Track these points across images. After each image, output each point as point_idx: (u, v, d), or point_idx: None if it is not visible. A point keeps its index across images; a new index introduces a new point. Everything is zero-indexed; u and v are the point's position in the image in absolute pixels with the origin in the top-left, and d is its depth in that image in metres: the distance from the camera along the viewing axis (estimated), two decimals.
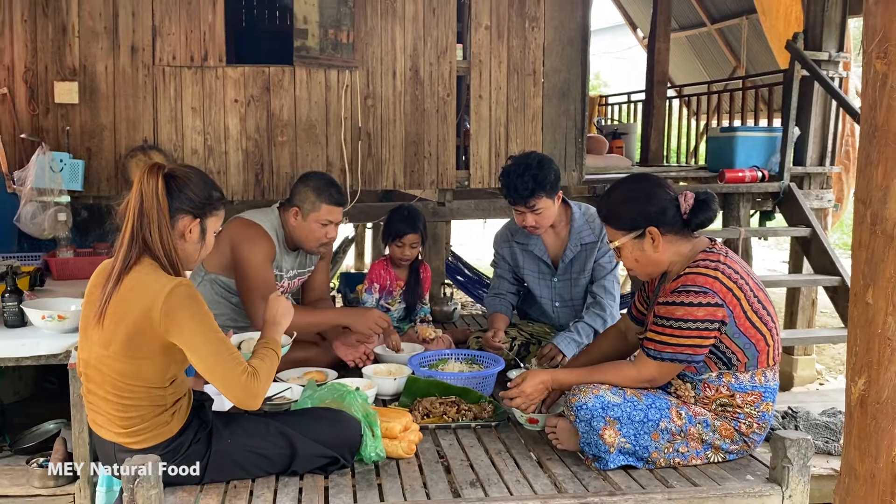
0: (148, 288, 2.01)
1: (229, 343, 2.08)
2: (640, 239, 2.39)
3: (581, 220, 3.40)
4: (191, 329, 2.00)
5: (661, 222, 2.37)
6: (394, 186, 4.45)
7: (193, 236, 2.16)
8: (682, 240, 2.39)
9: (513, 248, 3.52)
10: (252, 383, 2.04)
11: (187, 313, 2.00)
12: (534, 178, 3.13)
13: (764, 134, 5.40)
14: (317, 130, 4.31)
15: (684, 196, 2.38)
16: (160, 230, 2.08)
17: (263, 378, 2.08)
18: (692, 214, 2.36)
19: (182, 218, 2.13)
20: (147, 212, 2.07)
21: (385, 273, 3.75)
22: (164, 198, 2.08)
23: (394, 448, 2.41)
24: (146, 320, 1.99)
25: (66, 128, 4.01)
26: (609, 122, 8.76)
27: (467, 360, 3.24)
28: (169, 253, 2.09)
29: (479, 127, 4.53)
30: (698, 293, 2.24)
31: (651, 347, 2.33)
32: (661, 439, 2.32)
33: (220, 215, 2.24)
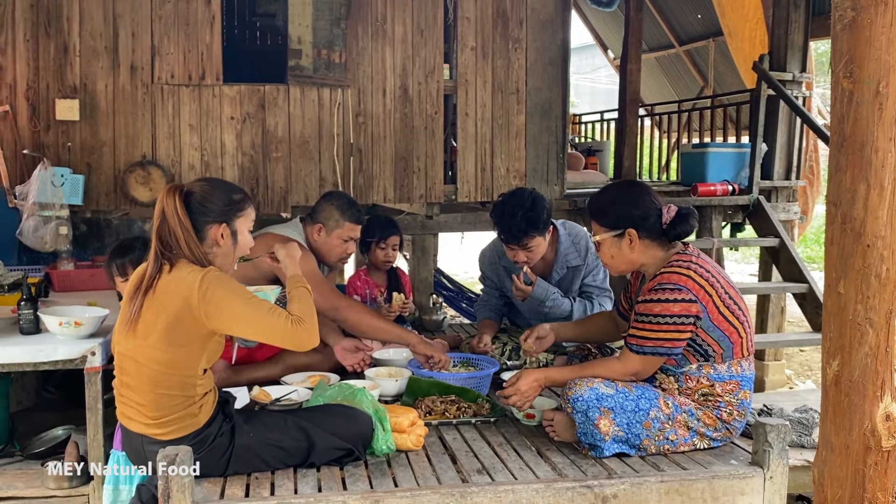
0: (183, 280, 2.16)
1: (266, 302, 2.25)
2: (620, 238, 2.60)
3: (567, 241, 3.55)
4: (228, 303, 2.15)
5: (641, 227, 2.57)
6: (384, 201, 4.62)
7: (226, 240, 2.32)
8: (657, 245, 2.60)
9: (498, 271, 3.69)
10: (300, 328, 2.23)
11: (221, 291, 2.15)
12: (527, 219, 3.26)
13: (734, 150, 5.68)
14: (310, 146, 4.47)
15: (668, 208, 2.59)
16: (188, 244, 2.23)
17: (307, 318, 2.27)
18: (671, 225, 2.57)
19: (210, 228, 2.28)
20: (172, 230, 2.22)
21: (363, 283, 3.92)
22: (186, 216, 2.23)
23: (403, 441, 2.56)
24: (186, 309, 2.14)
25: (66, 144, 4.11)
26: (583, 140, 9.04)
27: (463, 363, 3.40)
28: (200, 259, 2.24)
29: (466, 143, 4.72)
30: (673, 290, 2.44)
31: (633, 343, 2.53)
32: (653, 427, 2.50)
33: (247, 213, 2.39)
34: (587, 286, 3.59)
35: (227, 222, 2.32)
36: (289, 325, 2.20)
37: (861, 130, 1.75)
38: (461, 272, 8.43)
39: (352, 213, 3.35)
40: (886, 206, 1.74)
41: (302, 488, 2.27)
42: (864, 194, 1.75)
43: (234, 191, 2.38)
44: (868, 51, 1.72)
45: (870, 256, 1.76)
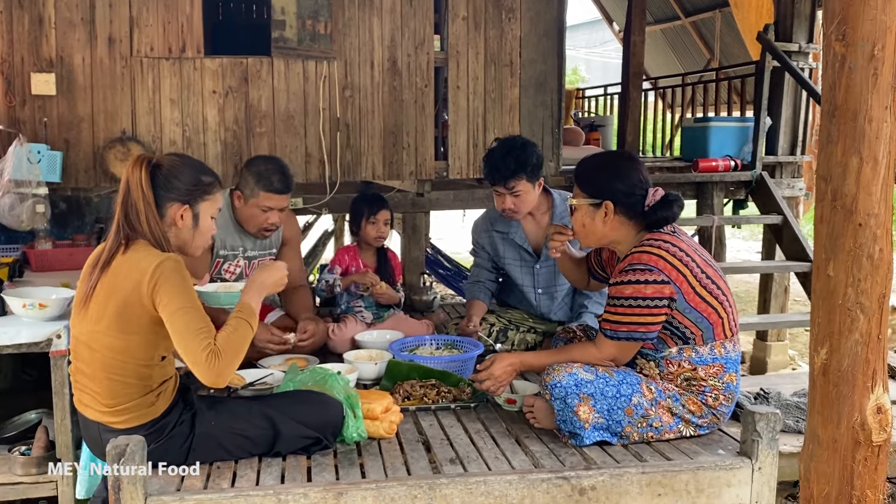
0: (138, 263, 2.05)
1: (204, 319, 2.06)
2: (596, 208, 2.46)
3: (562, 206, 3.45)
4: (169, 299, 2.02)
5: (620, 202, 2.44)
6: (373, 177, 4.48)
7: (186, 222, 2.20)
8: (632, 226, 2.47)
9: (492, 236, 3.57)
10: (213, 363, 2.00)
11: (169, 285, 2.03)
12: (516, 160, 3.19)
13: (736, 124, 5.50)
14: (295, 121, 4.34)
15: (655, 191, 2.45)
16: (147, 220, 2.12)
17: (227, 357, 2.03)
18: (652, 209, 2.43)
19: (171, 206, 2.17)
20: (134, 203, 2.11)
21: (351, 259, 3.79)
22: (150, 189, 2.13)
23: (375, 428, 2.46)
24: (136, 294, 2.03)
25: (43, 119, 3.99)
26: (586, 115, 8.84)
27: (447, 345, 3.29)
28: (159, 239, 2.13)
29: (458, 117, 4.57)
30: (644, 271, 2.32)
31: (607, 328, 2.41)
32: (635, 414, 2.39)
33: (213, 199, 2.27)
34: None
35: (191, 204, 2.20)
36: (203, 355, 2.00)
37: (854, 98, 1.60)
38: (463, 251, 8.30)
39: (268, 182, 3.12)
40: (880, 182, 1.60)
41: (265, 479, 2.17)
42: (857, 168, 1.61)
43: (204, 172, 2.27)
44: (862, 10, 1.56)
45: (861, 236, 1.62)
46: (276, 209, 3.18)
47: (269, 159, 3.25)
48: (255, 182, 3.13)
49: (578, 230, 2.56)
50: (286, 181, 3.17)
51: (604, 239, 2.51)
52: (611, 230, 2.48)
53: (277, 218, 3.21)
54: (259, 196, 3.14)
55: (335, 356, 3.34)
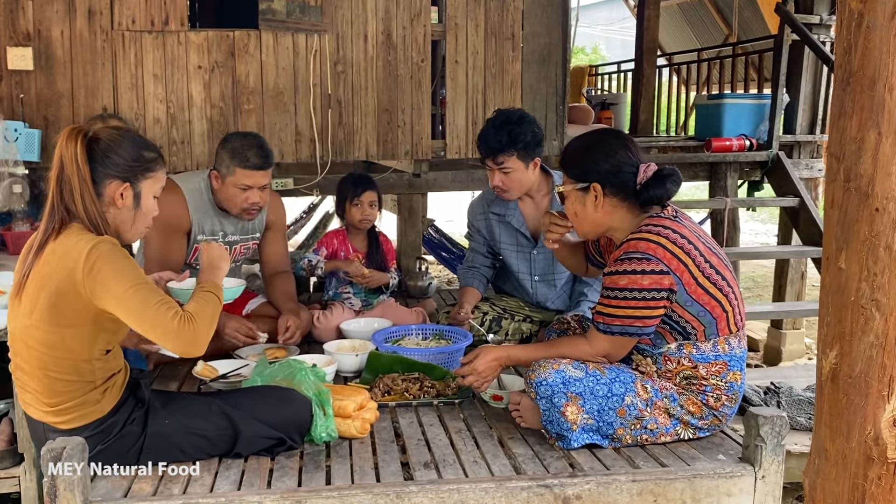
0: (70, 249, 1.87)
1: (159, 291, 1.93)
2: (585, 192, 2.26)
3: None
4: (115, 282, 1.85)
5: (609, 182, 2.22)
6: (366, 157, 4.29)
7: (126, 202, 2.02)
8: (628, 208, 2.25)
9: (489, 219, 3.37)
10: (187, 328, 1.89)
11: (109, 268, 1.85)
12: (509, 134, 2.98)
13: (752, 101, 5.24)
14: (284, 98, 4.14)
15: (646, 167, 2.23)
16: (83, 198, 1.94)
17: (201, 322, 1.93)
18: (644, 187, 2.21)
19: (109, 183, 1.99)
20: (68, 179, 1.93)
21: (340, 244, 3.60)
22: (86, 163, 1.94)
23: (346, 428, 2.28)
24: (69, 282, 1.86)
25: (20, 95, 3.83)
26: (598, 93, 8.57)
27: (435, 336, 3.10)
28: (94, 220, 1.95)
29: (456, 94, 4.35)
30: (641, 260, 2.11)
31: (600, 321, 2.20)
32: (628, 415, 2.19)
33: (156, 177, 2.09)
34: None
35: (131, 181, 2.01)
36: (174, 322, 1.87)
37: (872, 63, 1.37)
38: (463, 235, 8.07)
39: (243, 158, 2.92)
40: None
41: (221, 483, 2.01)
42: (874, 144, 1.38)
43: (147, 147, 2.08)
44: None
45: (879, 223, 1.40)
46: (255, 187, 2.98)
47: (244, 135, 3.05)
48: (231, 159, 2.94)
49: (572, 219, 2.35)
50: (264, 156, 2.97)
51: (600, 226, 2.30)
52: (605, 215, 2.26)
53: (258, 197, 3.01)
54: (235, 173, 2.94)
55: (320, 345, 3.17)
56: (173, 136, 4.06)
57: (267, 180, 3.02)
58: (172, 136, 4.06)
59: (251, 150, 2.94)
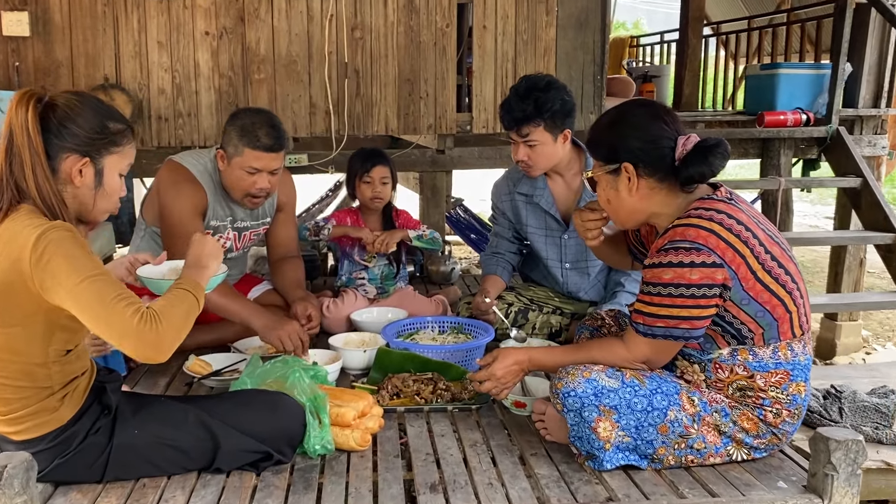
0: (16, 236, 1.60)
1: (120, 285, 1.64)
2: (616, 175, 1.92)
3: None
4: (66, 274, 1.57)
5: (642, 161, 1.88)
6: (386, 131, 3.98)
7: (86, 179, 1.74)
8: (669, 190, 1.90)
9: (514, 200, 3.04)
10: (148, 329, 1.59)
11: (60, 257, 1.58)
12: (535, 102, 2.65)
13: (810, 71, 4.79)
14: (298, 67, 3.84)
15: (685, 139, 1.87)
16: (35, 173, 1.66)
17: (167, 323, 1.62)
18: (683, 163, 1.85)
19: (66, 158, 1.71)
20: (18, 151, 1.66)
21: (353, 223, 3.30)
22: (38, 134, 1.67)
23: (344, 439, 2.00)
24: (15, 275, 1.59)
25: (16, 64, 3.59)
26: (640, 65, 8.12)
27: (453, 329, 2.80)
28: (48, 200, 1.67)
29: (483, 63, 4.01)
30: (689, 250, 1.77)
31: (640, 322, 1.87)
32: (671, 432, 1.87)
33: (123, 152, 1.81)
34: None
35: (92, 156, 1.73)
36: (134, 320, 1.58)
37: None
38: None
39: (254, 137, 2.60)
40: None
41: (196, 503, 1.73)
42: None
43: (112, 117, 1.79)
44: None
45: None
46: (264, 171, 2.66)
47: (256, 111, 2.73)
48: (239, 138, 2.62)
49: (605, 207, 2.01)
50: (276, 137, 2.64)
51: (638, 213, 1.96)
52: (641, 200, 1.92)
53: (267, 182, 2.69)
54: (244, 154, 2.62)
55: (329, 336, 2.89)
56: (179, 108, 3.79)
57: (278, 164, 2.70)
58: (178, 108, 3.79)
59: (262, 128, 2.62)
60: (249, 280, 3.15)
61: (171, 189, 2.67)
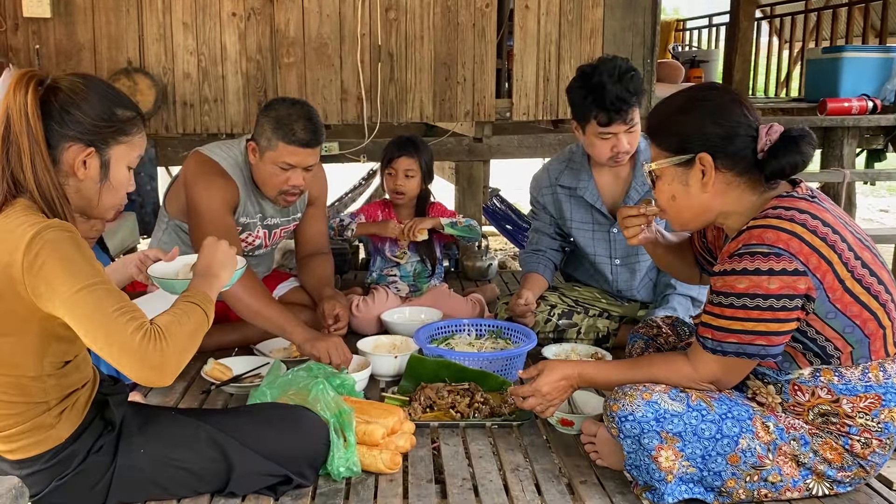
0: (8, 236, 1.42)
1: (122, 296, 1.45)
2: (687, 167, 1.67)
3: (648, 151, 2.69)
4: (62, 280, 1.39)
5: (721, 151, 1.64)
6: (420, 118, 3.77)
7: (90, 172, 1.56)
8: (746, 185, 1.66)
9: (556, 194, 2.81)
10: (152, 348, 1.40)
11: (56, 261, 1.39)
12: (631, 82, 2.44)
13: (878, 55, 4.47)
14: (329, 50, 3.64)
15: (768, 128, 1.63)
16: (33, 164, 1.49)
17: (172, 343, 1.43)
18: (771, 154, 1.61)
19: (69, 147, 1.53)
20: (16, 139, 1.48)
21: (384, 217, 3.09)
22: (38, 120, 1.49)
23: (372, 460, 1.80)
24: (6, 281, 1.41)
25: (36, 46, 3.45)
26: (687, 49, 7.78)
27: (491, 333, 2.59)
28: (48, 194, 1.50)
29: (525, 45, 3.77)
30: (768, 256, 1.53)
31: (708, 336, 1.63)
32: (743, 463, 1.64)
33: (132, 143, 1.62)
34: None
35: (98, 146, 1.55)
36: (136, 338, 1.39)
37: None
38: None
39: (288, 131, 2.40)
40: None
41: None
42: None
43: (121, 104, 1.60)
44: None
45: None
46: (299, 167, 2.46)
47: (292, 103, 2.50)
48: (273, 130, 2.42)
49: (667, 205, 1.76)
50: (313, 131, 2.43)
51: (707, 212, 1.71)
52: (714, 196, 1.68)
53: (301, 179, 2.49)
54: (277, 149, 2.42)
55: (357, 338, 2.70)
56: (205, 94, 3.63)
57: (314, 160, 2.49)
58: (204, 94, 3.63)
59: (299, 121, 2.41)
60: (276, 276, 2.97)
61: (200, 183, 2.48)
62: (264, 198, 2.63)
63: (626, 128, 2.51)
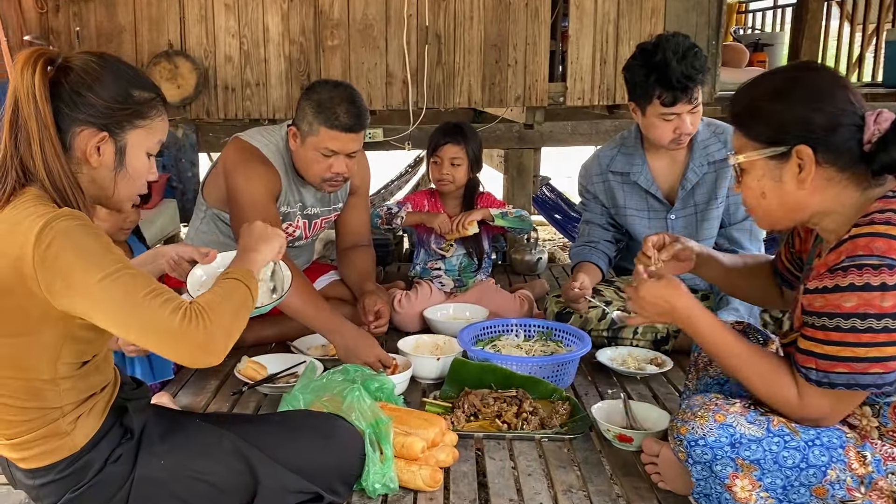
0: (16, 227, 1.30)
1: (150, 278, 1.33)
2: (782, 161, 1.43)
3: (706, 131, 2.55)
4: (80, 272, 1.27)
5: (822, 143, 1.40)
6: (468, 103, 3.58)
7: (104, 159, 1.43)
8: (849, 181, 1.42)
9: (608, 181, 2.62)
10: (195, 328, 1.28)
11: (71, 253, 1.27)
12: (695, 58, 2.28)
13: None
14: (374, 31, 3.49)
15: (876, 115, 1.40)
16: (42, 150, 1.36)
17: (217, 319, 1.31)
18: (880, 146, 1.38)
19: (81, 132, 1.40)
20: (24, 123, 1.36)
21: (431, 207, 2.92)
22: (47, 102, 1.36)
23: (411, 477, 1.65)
24: (16, 277, 1.29)
25: (76, 29, 3.37)
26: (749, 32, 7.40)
27: (541, 335, 2.41)
28: (59, 182, 1.37)
29: (581, 25, 3.55)
30: (879, 269, 1.30)
31: (812, 367, 1.41)
32: (830, 496, 1.43)
33: (151, 127, 1.49)
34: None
35: (112, 131, 1.42)
36: (176, 318, 1.27)
37: None
38: None
39: (331, 115, 2.27)
40: None
41: None
42: None
43: (139, 84, 1.47)
44: None
45: None
46: (342, 154, 2.33)
47: (335, 85, 2.37)
48: (315, 114, 2.29)
49: (754, 204, 1.53)
50: (356, 115, 2.29)
51: (801, 211, 1.49)
52: (812, 194, 1.45)
53: (344, 166, 2.36)
54: (319, 133, 2.30)
55: (399, 336, 2.56)
56: (247, 78, 3.51)
57: (357, 146, 2.36)
58: (246, 78, 3.51)
59: (342, 105, 2.27)
60: (316, 268, 2.84)
61: (240, 170, 2.37)
62: (304, 186, 2.49)
63: (690, 107, 2.35)
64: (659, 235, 1.81)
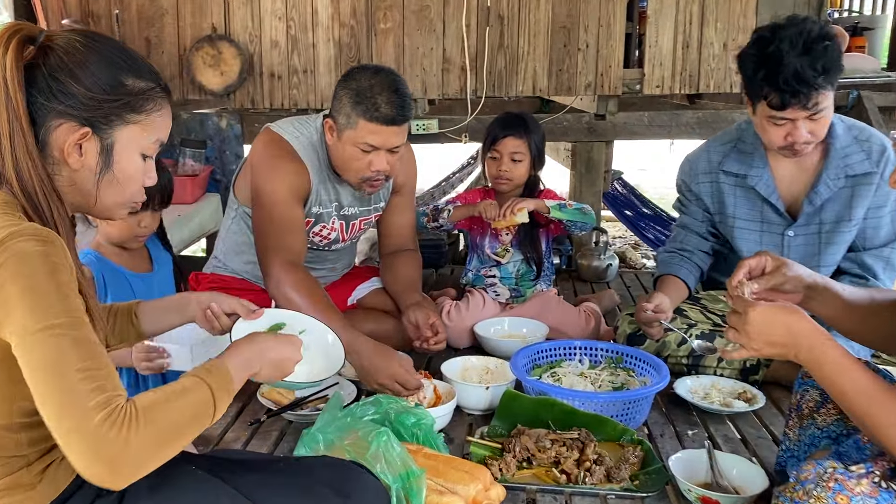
0: None
1: (94, 349, 1.05)
2: None
3: (846, 137, 2.12)
4: (22, 312, 1.02)
5: None
6: (533, 91, 3.26)
7: (87, 159, 1.18)
8: None
9: (717, 182, 2.25)
10: (113, 435, 0.99)
11: (17, 285, 1.02)
12: (824, 56, 1.86)
13: None
14: (430, 13, 3.20)
15: None
16: (13, 146, 1.13)
17: (147, 430, 1.02)
18: None
19: (58, 126, 1.16)
20: None
21: None
22: (19, 89, 1.12)
23: None
24: None
25: (116, 12, 3.20)
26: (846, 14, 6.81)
27: (609, 361, 2.08)
28: (29, 186, 1.13)
29: (662, 5, 3.20)
30: None
31: None
32: None
33: (147, 123, 1.23)
34: (874, 220, 2.13)
35: (97, 127, 1.17)
36: (97, 415, 0.99)
37: None
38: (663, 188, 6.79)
39: (369, 105, 1.99)
40: None
41: None
42: None
43: (134, 71, 1.21)
44: None
45: None
46: (383, 149, 2.06)
47: (375, 71, 2.08)
48: (353, 105, 2.02)
49: None
50: (399, 105, 2.01)
51: None
52: None
53: (386, 163, 2.08)
54: (357, 126, 2.02)
55: (452, 352, 2.28)
56: (294, 64, 3.28)
57: (400, 140, 2.07)
58: (293, 64, 3.28)
59: (383, 94, 1.99)
60: (358, 273, 2.58)
61: (265, 165, 2.13)
62: (341, 183, 2.23)
63: (806, 114, 1.93)
64: (759, 257, 1.46)
